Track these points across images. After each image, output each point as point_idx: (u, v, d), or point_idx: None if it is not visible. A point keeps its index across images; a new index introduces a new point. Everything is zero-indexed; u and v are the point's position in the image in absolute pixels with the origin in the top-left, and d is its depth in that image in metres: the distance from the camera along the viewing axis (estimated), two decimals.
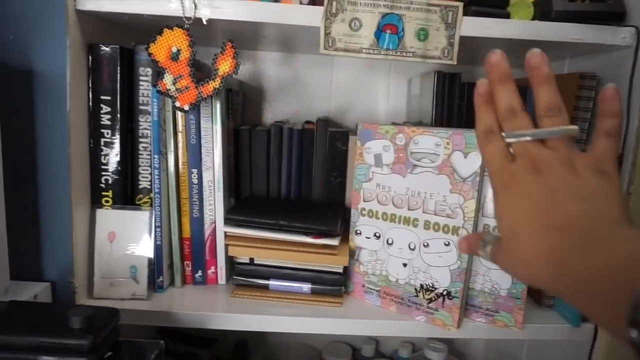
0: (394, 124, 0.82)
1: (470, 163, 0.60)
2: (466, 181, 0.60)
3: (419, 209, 0.64)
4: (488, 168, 0.36)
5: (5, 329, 0.47)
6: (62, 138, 0.59)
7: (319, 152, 0.77)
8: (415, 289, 0.66)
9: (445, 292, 0.63)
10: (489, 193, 0.61)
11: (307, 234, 0.68)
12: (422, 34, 0.60)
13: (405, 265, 0.66)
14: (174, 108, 0.62)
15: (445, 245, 0.62)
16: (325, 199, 0.78)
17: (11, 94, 0.57)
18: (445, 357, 0.90)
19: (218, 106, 0.67)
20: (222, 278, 0.74)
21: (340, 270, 0.69)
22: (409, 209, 0.65)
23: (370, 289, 0.70)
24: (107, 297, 0.67)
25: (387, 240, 0.67)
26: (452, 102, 0.73)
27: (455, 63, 0.61)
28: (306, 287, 0.69)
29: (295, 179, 0.79)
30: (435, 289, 0.64)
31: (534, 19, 0.64)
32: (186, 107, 0.61)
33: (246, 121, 0.94)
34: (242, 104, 0.90)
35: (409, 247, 0.65)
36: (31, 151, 0.60)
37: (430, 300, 0.65)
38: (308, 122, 0.92)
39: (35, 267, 0.62)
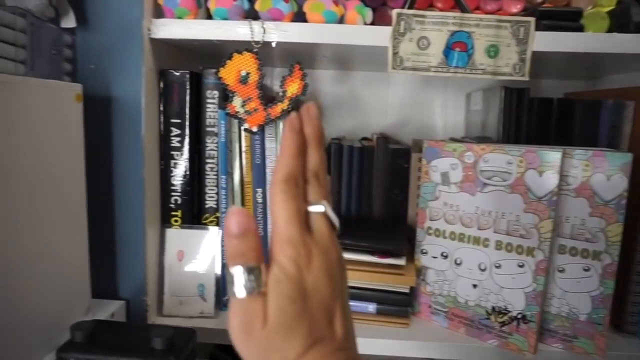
0: (452, 139, 0.80)
1: (545, 181, 0.57)
2: (542, 200, 0.58)
3: (490, 229, 0.62)
4: (280, 226, 0.31)
5: (93, 348, 0.48)
6: (137, 161, 0.62)
7: (379, 169, 0.77)
8: (487, 311, 0.64)
9: (520, 316, 0.61)
10: (566, 212, 0.59)
11: (372, 253, 0.67)
12: (493, 51, 0.58)
13: (475, 286, 0.64)
14: (244, 130, 0.63)
15: (519, 266, 0.60)
16: (386, 216, 0.77)
17: (92, 121, 0.59)
18: None
19: (282, 126, 0.68)
20: None
21: (407, 291, 0.68)
22: (478, 229, 0.63)
23: (438, 310, 0.69)
24: (176, 314, 0.68)
25: (456, 260, 0.66)
26: (520, 118, 0.70)
27: (527, 79, 0.59)
28: (371, 307, 0.69)
29: (355, 196, 0.78)
30: (509, 311, 0.62)
31: (609, 30, 0.61)
32: (254, 129, 0.62)
33: None
34: None
35: (479, 267, 0.64)
36: (109, 174, 0.62)
37: (503, 324, 0.62)
38: (364, 138, 0.92)
39: (111, 286, 0.65)
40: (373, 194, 0.77)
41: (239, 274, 0.30)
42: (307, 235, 0.31)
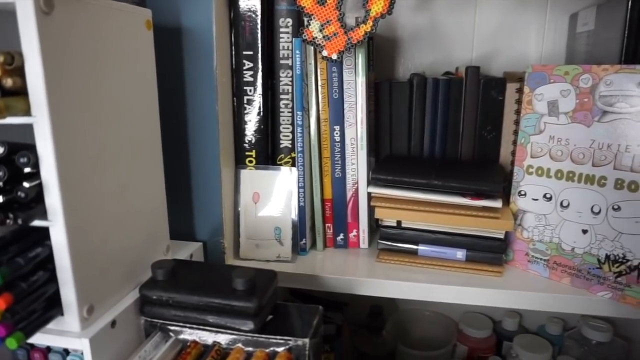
0: None
1: None
2: None
3: (609, 165, 0.53)
4: None
5: (175, 287, 0.47)
6: (210, 97, 0.58)
7: (468, 104, 0.68)
8: (599, 260, 0.56)
9: None
10: None
11: (463, 194, 0.60)
12: None
13: (585, 231, 0.56)
14: (323, 58, 0.57)
15: None
16: (476, 156, 0.70)
17: (163, 53, 0.56)
18: (611, 338, 0.78)
19: (361, 57, 0.61)
20: (364, 242, 0.70)
21: (502, 236, 0.61)
22: (593, 165, 0.54)
23: (536, 257, 0.61)
24: (253, 258, 0.66)
25: (562, 203, 0.58)
26: None
27: None
28: (461, 253, 0.63)
29: (440, 134, 0.71)
30: (628, 260, 0.53)
31: None
32: (334, 56, 0.56)
33: (378, 76, 0.87)
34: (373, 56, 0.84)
35: (592, 210, 0.55)
36: (181, 112, 0.59)
37: (619, 274, 0.54)
38: (447, 72, 0.83)
39: (189, 228, 0.63)
40: (461, 132, 0.70)
41: None
42: None
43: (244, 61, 0.62)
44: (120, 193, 0.47)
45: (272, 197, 0.66)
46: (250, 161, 0.66)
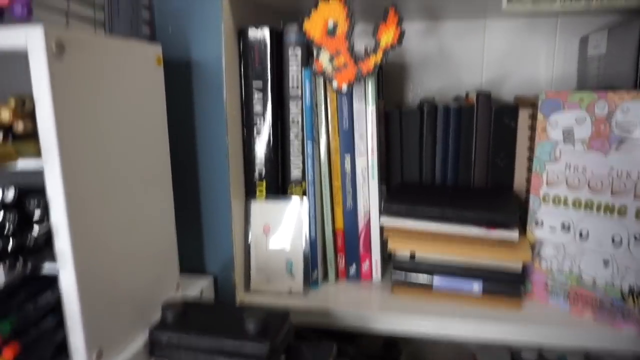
0: None
1: None
2: None
3: (629, 194, 0.52)
4: None
5: (185, 329, 0.46)
6: (220, 129, 0.58)
7: (480, 131, 0.68)
8: (622, 293, 0.54)
9: None
10: None
11: (479, 225, 0.59)
12: None
13: (606, 262, 0.54)
14: (334, 90, 0.57)
15: None
16: (489, 183, 0.69)
17: (173, 86, 0.56)
18: None
19: (371, 85, 0.61)
20: (377, 273, 0.68)
21: (519, 268, 0.59)
22: (612, 194, 0.53)
23: (556, 290, 0.59)
24: (264, 291, 0.65)
25: (580, 232, 0.56)
26: None
27: None
28: (477, 286, 0.61)
29: (452, 162, 0.70)
30: None
31: None
32: (344, 88, 0.56)
33: (387, 101, 0.86)
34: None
35: (613, 240, 0.54)
36: (192, 144, 0.59)
37: None
38: (457, 97, 0.82)
39: (199, 261, 0.62)
40: (473, 160, 0.69)
41: None
42: None
43: (254, 92, 0.62)
44: (130, 232, 0.47)
45: (283, 229, 0.65)
46: (261, 192, 0.65)
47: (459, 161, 0.70)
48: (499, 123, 0.66)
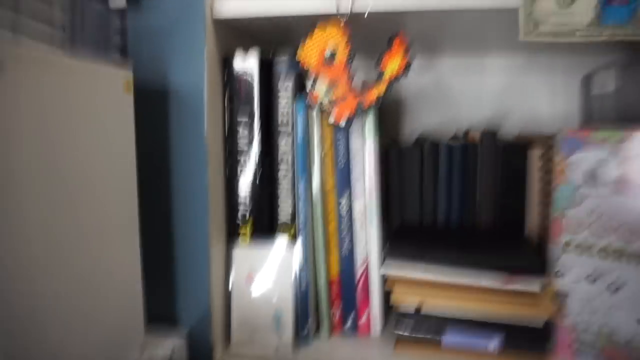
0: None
1: None
2: None
3: None
4: None
5: None
6: (199, 165, 0.51)
7: (486, 170, 0.62)
8: None
9: None
10: None
11: (495, 274, 0.52)
12: None
13: None
14: (329, 124, 0.51)
15: None
16: (496, 227, 0.62)
17: (145, 117, 0.49)
18: None
19: (371, 120, 0.55)
20: (376, 326, 0.60)
21: (541, 324, 0.52)
22: None
23: (583, 349, 0.52)
24: (246, 353, 0.56)
25: (610, 286, 0.49)
26: None
27: None
28: (493, 343, 0.53)
29: (456, 204, 0.64)
30: None
31: None
32: (342, 123, 0.49)
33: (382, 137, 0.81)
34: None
35: None
36: (167, 181, 0.51)
37: None
38: (454, 137, 0.77)
39: (170, 313, 0.54)
40: (479, 202, 0.63)
41: None
42: None
43: (239, 128, 0.55)
44: (85, 288, 0.38)
45: (270, 278, 0.57)
46: (244, 236, 0.57)
47: (463, 202, 0.63)
48: (507, 163, 0.61)
